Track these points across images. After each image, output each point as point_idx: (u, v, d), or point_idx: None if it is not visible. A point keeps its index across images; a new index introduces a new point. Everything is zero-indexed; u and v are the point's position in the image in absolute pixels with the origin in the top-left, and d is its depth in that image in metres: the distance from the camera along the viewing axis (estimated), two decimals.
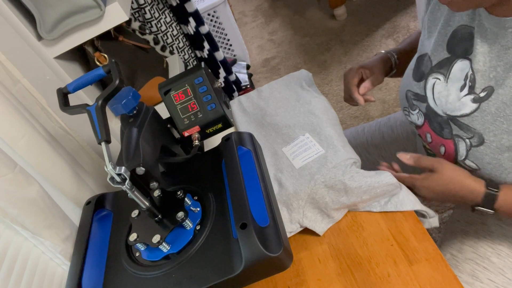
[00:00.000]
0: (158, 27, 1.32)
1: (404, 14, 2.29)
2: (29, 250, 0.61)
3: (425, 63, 0.71)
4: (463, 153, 0.65)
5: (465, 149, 0.64)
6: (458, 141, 0.65)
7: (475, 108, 0.61)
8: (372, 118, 1.80)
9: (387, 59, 0.87)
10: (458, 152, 0.66)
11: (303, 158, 0.73)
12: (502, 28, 0.55)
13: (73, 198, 0.74)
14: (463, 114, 0.63)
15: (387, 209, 0.68)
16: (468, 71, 0.62)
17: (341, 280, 0.63)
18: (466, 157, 0.65)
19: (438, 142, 0.70)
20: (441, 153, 0.71)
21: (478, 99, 0.60)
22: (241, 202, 0.57)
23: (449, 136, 0.67)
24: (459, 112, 0.63)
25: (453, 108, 0.64)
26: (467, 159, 0.65)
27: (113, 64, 0.57)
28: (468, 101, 0.62)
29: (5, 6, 0.75)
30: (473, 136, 0.62)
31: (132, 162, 0.56)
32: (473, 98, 0.61)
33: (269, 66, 2.37)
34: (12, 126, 0.65)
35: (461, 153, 0.65)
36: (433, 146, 0.74)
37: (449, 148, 0.68)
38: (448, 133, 0.67)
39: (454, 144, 0.66)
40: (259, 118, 0.89)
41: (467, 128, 0.63)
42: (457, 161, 0.67)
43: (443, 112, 0.67)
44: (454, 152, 0.67)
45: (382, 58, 0.87)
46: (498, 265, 0.68)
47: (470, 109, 0.62)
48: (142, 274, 0.57)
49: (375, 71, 0.84)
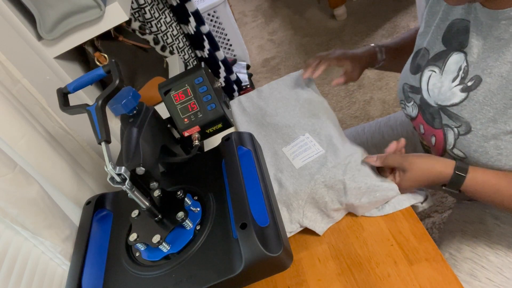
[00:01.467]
0: (158, 27, 1.32)
1: (404, 14, 2.29)
2: (29, 250, 0.61)
3: (422, 56, 0.72)
4: (451, 142, 0.66)
5: (453, 138, 0.66)
6: (447, 131, 0.67)
7: (464, 97, 0.62)
8: (372, 118, 1.80)
9: (373, 53, 0.91)
10: (447, 141, 0.67)
11: (303, 158, 0.73)
12: (495, 20, 0.56)
13: (73, 198, 0.74)
14: (452, 103, 0.64)
15: (386, 212, 0.68)
16: (462, 64, 0.63)
17: (341, 280, 0.63)
18: (454, 146, 0.66)
19: (430, 132, 0.72)
20: (432, 144, 0.72)
21: (466, 88, 0.62)
22: (241, 202, 0.57)
23: (439, 126, 0.68)
24: (449, 102, 0.65)
25: (444, 98, 0.66)
26: (455, 148, 0.66)
27: (113, 64, 0.57)
28: (457, 91, 0.63)
29: (5, 6, 0.75)
30: (461, 125, 0.63)
31: (132, 162, 0.56)
32: (461, 88, 0.63)
33: (269, 66, 2.37)
34: (12, 126, 0.65)
35: (450, 142, 0.67)
36: (425, 137, 0.75)
37: (439, 137, 0.69)
38: (439, 123, 0.68)
39: (444, 134, 0.68)
40: (259, 118, 0.89)
41: (456, 117, 0.64)
42: (446, 150, 0.68)
43: (434, 102, 0.68)
44: (443, 141, 0.68)
45: (368, 51, 0.91)
46: (497, 264, 0.68)
47: (459, 98, 0.63)
48: (142, 274, 0.57)
49: (355, 68, 0.89)
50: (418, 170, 0.65)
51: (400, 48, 0.91)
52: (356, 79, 0.91)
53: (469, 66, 0.62)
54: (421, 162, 0.66)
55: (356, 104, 1.91)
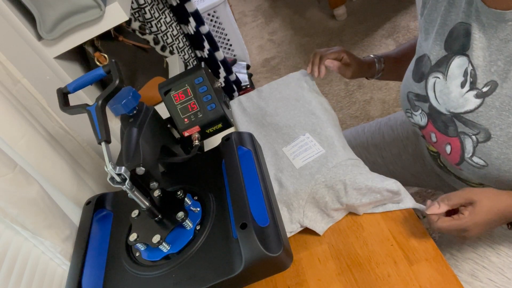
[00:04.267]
0: (158, 27, 1.32)
1: (404, 14, 2.29)
2: (29, 250, 0.61)
3: (424, 63, 0.71)
4: (470, 150, 0.64)
5: (471, 145, 0.64)
6: (464, 138, 0.65)
7: (479, 104, 0.61)
8: (372, 118, 1.80)
9: (371, 63, 0.93)
10: (464, 150, 0.66)
11: (303, 158, 0.73)
12: (501, 21, 0.55)
13: (73, 198, 0.74)
14: (467, 110, 0.63)
15: (388, 209, 0.68)
16: (468, 67, 0.62)
17: (341, 280, 0.63)
18: (474, 154, 0.64)
19: (444, 140, 0.70)
20: (447, 152, 0.70)
21: (481, 94, 0.60)
22: (241, 202, 0.57)
23: (454, 134, 0.67)
24: (462, 109, 0.63)
25: (456, 105, 0.64)
26: (474, 156, 0.64)
27: (113, 64, 0.57)
28: (471, 97, 0.62)
29: (5, 6, 0.75)
30: (479, 132, 0.62)
31: (132, 162, 0.56)
32: (475, 94, 0.61)
33: (269, 66, 2.37)
34: (12, 126, 0.65)
35: (468, 150, 0.65)
36: (438, 146, 0.73)
37: (455, 146, 0.67)
38: (453, 131, 0.67)
39: (460, 142, 0.66)
40: (259, 118, 0.89)
41: (472, 124, 0.62)
42: (464, 158, 0.67)
43: (446, 110, 0.67)
44: (460, 149, 0.66)
45: (367, 61, 0.93)
46: (498, 265, 0.68)
47: (474, 105, 0.62)
48: (142, 274, 0.57)
49: (351, 63, 0.90)
50: (487, 201, 0.59)
51: (400, 58, 0.91)
52: (348, 76, 0.91)
53: (476, 70, 0.61)
54: (487, 190, 0.61)
55: (356, 104, 1.91)
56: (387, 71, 0.94)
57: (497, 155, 0.61)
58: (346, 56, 0.90)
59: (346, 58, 0.90)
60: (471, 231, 0.59)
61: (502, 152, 0.60)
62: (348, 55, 0.90)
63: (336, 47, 0.91)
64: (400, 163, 0.97)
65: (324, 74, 0.89)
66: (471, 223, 0.58)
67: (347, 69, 0.90)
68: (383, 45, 2.16)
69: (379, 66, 0.93)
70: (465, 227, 0.59)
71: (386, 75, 0.95)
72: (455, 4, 0.64)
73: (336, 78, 2.08)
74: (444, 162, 0.80)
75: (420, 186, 1.06)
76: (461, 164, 0.69)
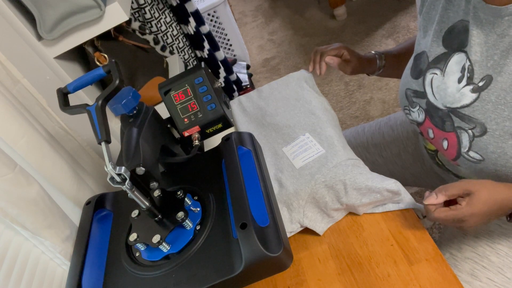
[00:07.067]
0: (158, 27, 1.32)
1: (404, 14, 2.29)
2: (29, 250, 0.61)
3: (422, 60, 0.72)
4: (466, 144, 0.65)
5: (468, 140, 0.64)
6: (460, 133, 0.65)
7: (475, 98, 0.61)
8: (372, 118, 1.80)
9: (372, 59, 0.93)
10: (461, 144, 0.66)
11: (303, 158, 0.73)
12: (498, 16, 0.56)
13: (73, 198, 0.74)
14: (463, 105, 0.63)
15: (388, 209, 0.68)
16: (465, 63, 0.63)
17: (341, 280, 0.63)
18: (470, 148, 0.65)
19: (441, 136, 0.71)
20: (444, 148, 0.71)
21: (477, 88, 0.61)
22: (241, 202, 0.57)
23: (451, 129, 0.67)
24: (459, 104, 0.64)
25: (453, 100, 0.65)
26: (470, 150, 0.65)
27: (113, 64, 0.57)
28: (467, 92, 0.62)
29: (5, 6, 0.75)
30: (475, 126, 0.62)
31: (132, 162, 0.56)
32: (472, 88, 0.62)
33: (269, 66, 2.37)
34: (12, 126, 0.65)
35: (464, 144, 0.65)
36: (435, 142, 0.74)
37: (452, 141, 0.68)
38: (450, 126, 0.67)
39: (457, 136, 0.66)
40: (259, 118, 0.89)
41: (468, 118, 0.63)
42: (461, 153, 0.67)
43: (443, 105, 0.67)
44: (457, 144, 0.67)
45: (367, 57, 0.93)
46: (497, 264, 0.68)
47: (470, 99, 0.62)
48: (142, 274, 0.57)
49: (352, 59, 0.90)
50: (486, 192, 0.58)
51: (401, 55, 0.91)
52: (348, 72, 0.91)
53: (473, 65, 0.61)
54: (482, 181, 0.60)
55: (356, 104, 1.91)
56: (388, 67, 0.94)
57: (493, 149, 0.61)
58: (346, 52, 0.90)
59: (346, 54, 0.90)
60: (468, 222, 0.59)
61: (498, 146, 0.60)
62: (348, 51, 0.90)
63: (336, 44, 0.92)
64: (400, 163, 0.97)
65: (325, 71, 0.89)
66: (468, 213, 0.58)
67: (347, 65, 0.91)
68: (383, 45, 2.16)
69: (380, 63, 0.93)
70: (462, 217, 0.59)
71: (387, 72, 0.96)
72: (453, 2, 0.65)
73: (336, 78, 2.08)
74: (442, 160, 0.80)
75: (420, 186, 1.06)
76: (458, 159, 0.69)
